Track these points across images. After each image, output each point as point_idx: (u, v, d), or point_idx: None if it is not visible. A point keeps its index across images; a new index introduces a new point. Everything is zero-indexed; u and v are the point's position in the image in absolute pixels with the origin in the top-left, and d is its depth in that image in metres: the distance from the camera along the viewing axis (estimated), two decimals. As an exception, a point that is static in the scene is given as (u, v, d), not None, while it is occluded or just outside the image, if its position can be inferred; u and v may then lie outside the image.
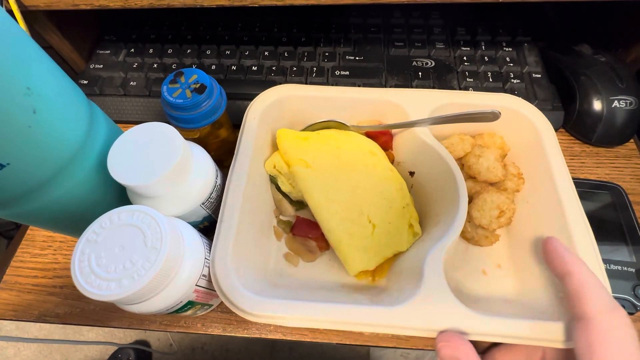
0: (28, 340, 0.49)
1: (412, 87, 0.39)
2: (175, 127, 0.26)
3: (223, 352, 0.92)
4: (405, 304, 0.23)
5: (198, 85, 0.28)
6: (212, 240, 0.26)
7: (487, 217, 0.29)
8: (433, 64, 0.41)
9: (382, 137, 0.34)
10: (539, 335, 0.22)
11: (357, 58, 0.42)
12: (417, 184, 0.33)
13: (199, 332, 0.30)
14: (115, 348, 0.91)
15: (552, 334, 0.22)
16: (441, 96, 0.32)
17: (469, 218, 0.30)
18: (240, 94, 0.39)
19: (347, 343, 0.29)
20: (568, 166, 0.29)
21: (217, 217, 0.27)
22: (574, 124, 0.37)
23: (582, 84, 0.37)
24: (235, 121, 0.34)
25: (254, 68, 0.41)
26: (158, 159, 0.24)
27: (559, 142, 0.30)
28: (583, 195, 0.31)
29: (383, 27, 0.45)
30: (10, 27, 0.19)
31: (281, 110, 0.33)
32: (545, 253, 0.25)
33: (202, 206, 0.27)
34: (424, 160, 0.32)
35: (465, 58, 0.41)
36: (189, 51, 0.42)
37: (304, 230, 0.32)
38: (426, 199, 0.32)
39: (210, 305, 0.29)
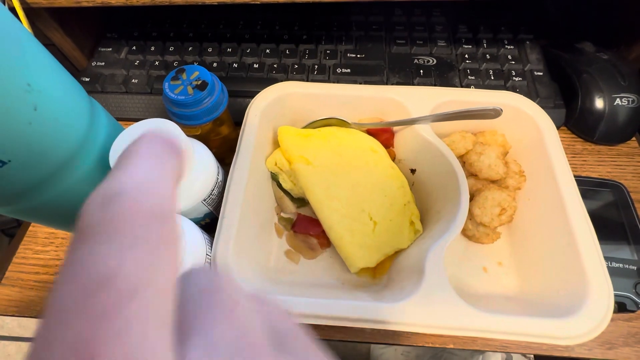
0: (30, 339, 0.49)
1: (413, 84, 0.39)
2: (177, 123, 0.26)
3: (224, 350, 0.92)
4: (407, 301, 0.23)
5: (200, 82, 0.29)
6: (213, 236, 0.26)
7: (489, 214, 0.29)
8: (434, 61, 0.41)
9: (383, 134, 0.34)
10: (540, 332, 0.22)
11: (358, 56, 0.41)
12: (418, 181, 0.33)
13: (200, 328, 0.30)
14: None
15: (553, 331, 0.22)
16: (442, 93, 0.32)
17: (470, 215, 0.30)
18: (241, 92, 0.39)
19: (349, 340, 0.29)
20: (569, 164, 0.29)
21: (218, 213, 0.27)
22: (576, 121, 0.37)
23: (584, 81, 0.36)
24: (236, 119, 0.34)
25: (256, 66, 0.41)
26: (159, 155, 0.24)
27: (561, 140, 0.30)
28: (585, 194, 0.31)
29: (384, 25, 0.45)
30: (9, 23, 0.19)
31: (282, 108, 0.33)
32: None
33: (204, 203, 0.27)
34: (425, 158, 0.32)
35: (466, 56, 0.41)
36: (190, 49, 0.42)
37: (305, 227, 0.32)
38: (427, 197, 0.32)
39: (212, 302, 0.29)
